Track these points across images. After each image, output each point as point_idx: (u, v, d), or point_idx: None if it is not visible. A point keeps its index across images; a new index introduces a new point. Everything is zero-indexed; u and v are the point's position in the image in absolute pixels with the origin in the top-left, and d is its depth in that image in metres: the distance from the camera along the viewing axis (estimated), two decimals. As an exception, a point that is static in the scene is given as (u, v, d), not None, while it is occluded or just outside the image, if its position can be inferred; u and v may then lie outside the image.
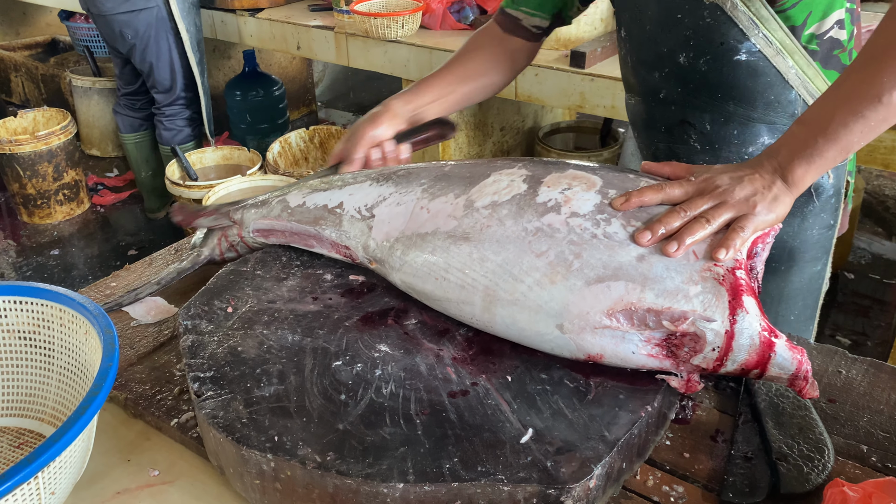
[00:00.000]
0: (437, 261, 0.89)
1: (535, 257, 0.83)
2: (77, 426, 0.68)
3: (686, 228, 0.83)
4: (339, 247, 1.01)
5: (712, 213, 0.84)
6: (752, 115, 1.09)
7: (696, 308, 0.77)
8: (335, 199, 1.03)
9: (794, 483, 0.76)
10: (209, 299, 0.95)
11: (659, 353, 0.79)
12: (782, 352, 0.77)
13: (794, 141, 0.88)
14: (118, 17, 2.93)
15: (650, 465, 0.81)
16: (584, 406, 0.79)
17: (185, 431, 0.85)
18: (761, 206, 0.84)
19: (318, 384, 0.81)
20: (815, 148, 0.86)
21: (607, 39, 2.39)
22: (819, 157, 0.86)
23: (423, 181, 0.98)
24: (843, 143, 0.85)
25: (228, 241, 1.10)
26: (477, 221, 0.89)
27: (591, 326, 0.79)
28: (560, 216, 0.85)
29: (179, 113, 3.20)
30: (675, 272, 0.79)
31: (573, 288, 0.80)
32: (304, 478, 0.71)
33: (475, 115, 2.84)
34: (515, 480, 0.69)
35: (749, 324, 0.77)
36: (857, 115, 0.84)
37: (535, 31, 1.30)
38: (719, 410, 0.88)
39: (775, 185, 0.86)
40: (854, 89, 0.85)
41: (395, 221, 0.95)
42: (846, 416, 0.86)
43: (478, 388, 0.81)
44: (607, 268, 0.80)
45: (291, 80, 4.29)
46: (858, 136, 0.85)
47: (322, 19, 2.92)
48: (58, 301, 0.85)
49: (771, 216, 0.85)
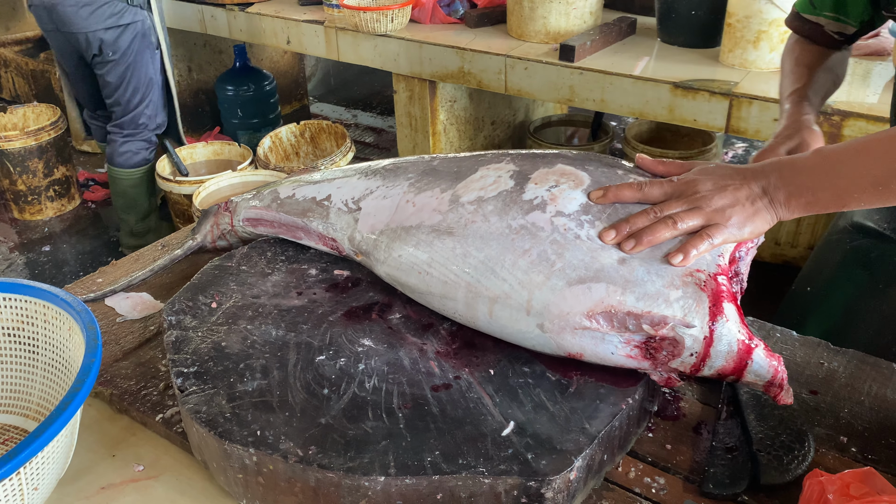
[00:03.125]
0: (420, 255, 0.89)
1: (518, 255, 0.83)
2: (59, 421, 0.68)
3: (649, 228, 0.81)
4: (325, 239, 1.01)
5: (682, 217, 0.82)
6: None
7: (676, 313, 0.77)
8: (323, 192, 1.03)
9: (774, 474, 0.77)
10: (194, 295, 0.95)
11: (638, 354, 0.79)
12: (759, 360, 0.77)
13: (804, 171, 0.82)
14: (99, 33, 2.69)
15: (632, 456, 0.82)
16: (565, 399, 0.79)
17: (170, 426, 0.86)
18: (736, 219, 0.82)
19: (302, 379, 0.81)
20: (817, 193, 0.81)
21: (596, 33, 2.39)
22: (816, 203, 0.82)
23: (410, 175, 0.99)
24: (847, 201, 0.81)
25: (220, 229, 1.12)
26: (462, 216, 0.89)
27: (570, 327, 0.80)
28: (545, 214, 0.85)
29: (139, 133, 2.93)
30: (656, 276, 0.79)
31: (554, 288, 0.80)
32: (286, 472, 0.72)
33: (466, 109, 2.85)
34: (496, 473, 0.70)
35: (728, 330, 0.77)
36: (876, 186, 0.79)
37: (836, 38, 1.20)
38: (702, 402, 0.89)
39: (760, 202, 0.82)
40: (887, 146, 0.79)
41: (380, 214, 0.96)
42: (827, 408, 0.87)
43: (460, 382, 0.81)
44: (589, 269, 0.80)
45: (283, 75, 4.28)
46: (865, 202, 0.81)
47: (312, 14, 2.92)
48: (41, 297, 0.85)
49: (745, 231, 0.82)
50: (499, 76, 2.43)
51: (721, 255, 0.81)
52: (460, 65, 2.50)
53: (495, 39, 2.53)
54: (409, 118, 2.77)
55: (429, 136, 2.75)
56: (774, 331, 0.99)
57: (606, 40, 2.42)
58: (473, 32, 2.61)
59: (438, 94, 2.70)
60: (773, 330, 0.99)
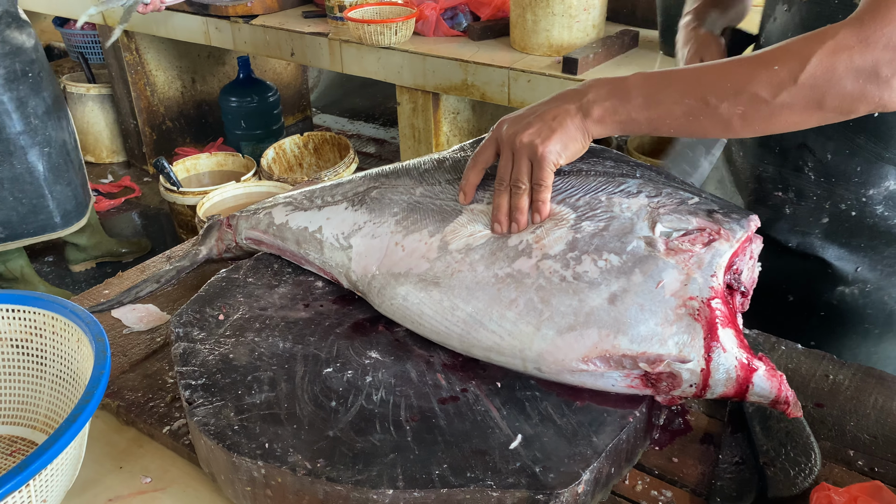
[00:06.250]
0: (410, 305, 0.89)
1: (505, 307, 0.83)
2: (68, 434, 0.68)
3: (513, 206, 0.88)
4: (323, 271, 1.01)
5: (519, 176, 0.88)
6: (883, 154, 0.97)
7: (671, 351, 0.77)
8: (314, 223, 1.02)
9: (781, 487, 0.77)
10: (201, 307, 0.96)
11: (639, 384, 0.80)
12: (760, 382, 0.77)
13: (622, 91, 0.86)
14: None
15: (639, 469, 0.82)
16: (572, 412, 0.79)
17: (178, 438, 0.86)
18: (552, 146, 0.86)
19: (309, 391, 0.82)
20: (631, 114, 0.85)
21: (599, 46, 2.40)
22: (629, 123, 0.86)
23: (395, 210, 0.97)
24: (659, 126, 0.86)
25: (224, 244, 1.13)
26: (448, 265, 0.88)
27: (567, 370, 0.80)
28: (531, 260, 0.85)
29: None
30: (649, 313, 0.78)
31: (545, 338, 0.80)
32: (294, 484, 0.72)
33: (469, 121, 2.86)
34: (504, 486, 0.70)
35: (725, 360, 0.76)
36: (687, 115, 0.83)
37: None
38: (708, 415, 0.89)
39: (571, 120, 0.86)
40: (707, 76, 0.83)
41: (371, 256, 0.95)
42: (833, 421, 0.87)
43: (467, 395, 0.82)
44: (578, 314, 0.80)
45: (286, 86, 4.30)
46: (675, 129, 0.85)
47: (316, 26, 2.93)
48: (50, 309, 0.85)
49: (567, 151, 0.87)
50: (502, 88, 2.44)
51: (714, 273, 0.80)
52: (463, 77, 2.51)
53: (498, 52, 2.54)
54: (412, 130, 2.78)
55: (432, 148, 2.76)
56: (779, 343, 0.99)
57: (609, 53, 2.43)
58: (477, 45, 2.62)
59: (442, 106, 2.71)
60: (777, 343, 0.99)
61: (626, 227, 0.85)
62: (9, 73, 2.35)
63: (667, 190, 0.90)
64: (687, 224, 0.84)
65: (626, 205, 0.87)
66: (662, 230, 0.84)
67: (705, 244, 0.82)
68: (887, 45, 0.76)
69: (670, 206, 0.87)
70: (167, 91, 3.82)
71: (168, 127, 3.88)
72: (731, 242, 0.82)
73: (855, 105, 0.79)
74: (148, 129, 3.80)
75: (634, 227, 0.84)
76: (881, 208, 1.01)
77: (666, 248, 0.82)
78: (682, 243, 0.82)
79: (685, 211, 0.86)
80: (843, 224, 1.03)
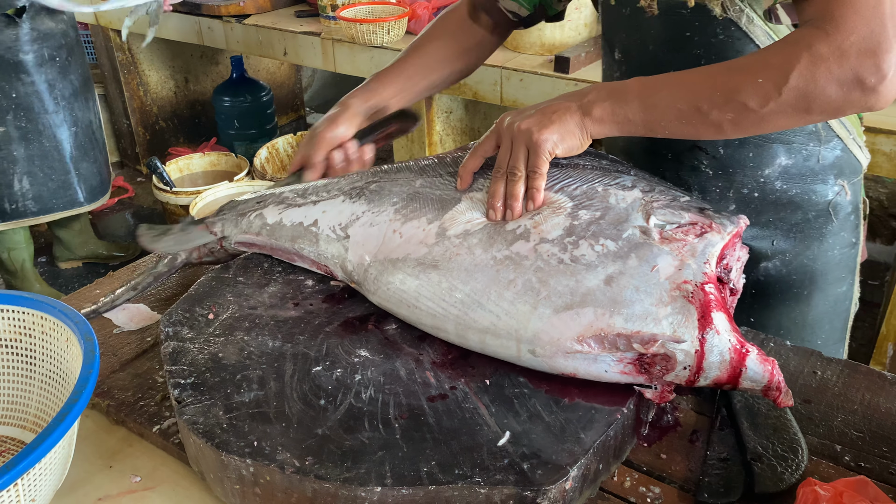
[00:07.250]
0: (407, 289, 0.89)
1: (503, 287, 0.84)
2: (57, 433, 0.69)
3: (508, 193, 0.90)
4: (318, 265, 1.01)
5: (516, 164, 0.90)
6: (769, 136, 1.03)
7: (666, 331, 0.78)
8: (310, 217, 1.02)
9: (768, 483, 0.77)
10: (191, 306, 0.96)
11: (632, 370, 0.80)
12: (753, 366, 0.78)
13: (622, 94, 0.89)
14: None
15: (627, 466, 0.82)
16: (560, 409, 0.80)
17: (167, 438, 0.86)
18: (549, 135, 0.89)
19: (298, 389, 0.82)
20: (629, 116, 0.88)
21: (591, 44, 2.40)
22: (627, 124, 0.89)
23: (395, 200, 0.98)
24: (655, 128, 0.89)
25: (207, 247, 1.11)
26: (447, 250, 0.89)
27: (562, 351, 0.80)
28: (529, 244, 0.86)
29: None
30: (644, 294, 0.79)
31: (542, 316, 0.81)
32: (282, 482, 0.72)
33: (462, 119, 2.86)
34: (492, 483, 0.70)
35: (718, 341, 0.77)
36: (680, 119, 0.87)
37: (510, 18, 1.20)
38: (696, 412, 0.89)
39: (571, 118, 0.90)
40: (697, 85, 0.86)
41: (368, 244, 0.96)
42: (820, 417, 0.88)
43: (456, 392, 0.82)
44: (575, 294, 0.81)
45: (279, 86, 4.29)
46: (670, 131, 0.89)
47: (309, 25, 2.93)
48: (39, 309, 0.85)
49: (562, 144, 0.90)
50: (494, 87, 2.44)
51: (707, 261, 0.82)
52: (456, 76, 2.51)
53: (491, 51, 2.55)
54: (405, 129, 2.77)
55: (425, 147, 2.76)
56: (768, 340, 1.00)
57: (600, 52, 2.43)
58: (469, 44, 2.62)
59: (434, 106, 2.71)
60: (766, 340, 1.00)
61: (622, 217, 0.87)
62: (38, 57, 2.47)
63: (660, 188, 0.93)
64: (680, 218, 0.87)
65: (621, 196, 0.90)
66: (656, 222, 0.86)
67: (698, 235, 0.84)
68: (860, 52, 0.79)
69: (664, 202, 0.89)
70: (160, 91, 3.82)
71: (161, 127, 3.88)
72: (722, 235, 0.85)
73: (842, 109, 0.82)
74: (141, 128, 3.79)
75: (630, 217, 0.87)
76: (779, 183, 1.06)
77: (660, 237, 0.84)
78: (676, 233, 0.85)
79: (678, 206, 0.89)
80: (748, 206, 1.08)
